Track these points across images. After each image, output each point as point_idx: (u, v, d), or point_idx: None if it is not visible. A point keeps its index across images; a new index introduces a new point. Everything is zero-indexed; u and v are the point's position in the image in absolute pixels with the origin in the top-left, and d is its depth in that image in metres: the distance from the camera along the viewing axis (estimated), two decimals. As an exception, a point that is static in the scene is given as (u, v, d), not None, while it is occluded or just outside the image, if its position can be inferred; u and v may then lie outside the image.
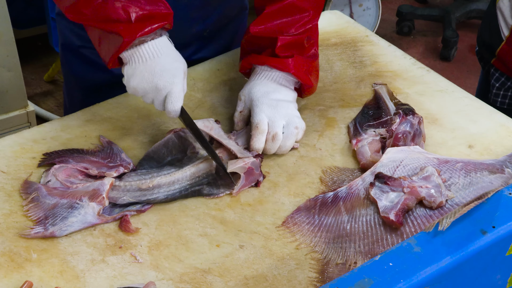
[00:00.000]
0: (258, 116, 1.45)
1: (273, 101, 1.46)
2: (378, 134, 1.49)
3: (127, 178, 1.38)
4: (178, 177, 1.38)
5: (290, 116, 1.47)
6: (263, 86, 1.49)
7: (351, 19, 1.94)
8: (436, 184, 1.30)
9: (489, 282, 1.25)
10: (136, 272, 1.23)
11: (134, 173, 1.40)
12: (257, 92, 1.48)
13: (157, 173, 1.39)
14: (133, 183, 1.37)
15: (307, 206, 1.35)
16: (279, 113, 1.46)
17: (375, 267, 1.11)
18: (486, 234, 1.17)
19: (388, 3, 4.15)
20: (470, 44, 3.90)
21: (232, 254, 1.27)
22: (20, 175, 1.42)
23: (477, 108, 1.61)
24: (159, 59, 1.35)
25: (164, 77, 1.34)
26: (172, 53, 1.38)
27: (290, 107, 1.49)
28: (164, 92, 1.35)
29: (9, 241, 1.28)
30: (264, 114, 1.45)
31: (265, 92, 1.47)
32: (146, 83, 1.35)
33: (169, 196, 1.36)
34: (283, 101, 1.48)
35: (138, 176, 1.39)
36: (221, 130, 1.46)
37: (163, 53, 1.36)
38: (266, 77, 1.50)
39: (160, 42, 1.36)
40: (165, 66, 1.35)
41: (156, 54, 1.35)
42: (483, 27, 2.18)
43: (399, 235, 1.26)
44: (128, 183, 1.37)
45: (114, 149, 1.45)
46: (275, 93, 1.48)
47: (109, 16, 1.32)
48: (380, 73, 1.72)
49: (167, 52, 1.37)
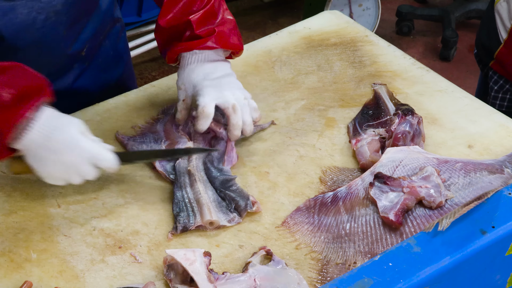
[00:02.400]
0: (204, 99, 1.43)
1: (215, 81, 1.46)
2: (378, 134, 1.49)
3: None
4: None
5: (235, 89, 1.46)
6: (199, 69, 1.47)
7: (350, 19, 1.94)
8: (435, 184, 1.30)
9: (488, 282, 1.25)
10: (135, 272, 1.23)
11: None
12: (196, 77, 1.46)
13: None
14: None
15: (307, 206, 1.35)
16: (225, 90, 1.45)
17: (374, 267, 1.11)
18: (485, 234, 1.17)
19: (388, 3, 4.15)
20: (469, 44, 3.91)
21: (231, 254, 1.27)
22: (20, 175, 1.42)
23: (477, 108, 1.61)
24: (53, 135, 1.26)
25: (71, 150, 1.27)
26: (60, 121, 1.28)
27: (232, 80, 1.48)
28: (83, 161, 1.28)
29: (9, 241, 1.28)
30: (210, 97, 1.43)
31: (204, 75, 1.46)
32: (59, 165, 1.28)
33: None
34: (223, 76, 1.47)
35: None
36: (205, 266, 1.19)
37: (54, 126, 1.26)
38: (198, 60, 1.48)
39: (44, 118, 1.26)
40: (64, 138, 1.26)
41: (49, 132, 1.26)
42: (481, 29, 2.18)
43: (399, 235, 1.26)
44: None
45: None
46: (214, 73, 1.47)
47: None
48: (380, 73, 1.72)
49: (56, 124, 1.27)
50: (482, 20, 2.19)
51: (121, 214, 1.35)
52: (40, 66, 1.34)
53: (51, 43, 1.36)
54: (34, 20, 1.38)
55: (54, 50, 1.45)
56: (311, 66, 1.75)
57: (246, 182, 1.41)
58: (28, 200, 1.37)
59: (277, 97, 1.64)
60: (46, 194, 1.39)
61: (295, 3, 4.14)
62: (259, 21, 4.01)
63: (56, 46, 1.50)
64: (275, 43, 1.82)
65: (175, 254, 1.17)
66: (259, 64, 1.76)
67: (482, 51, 2.15)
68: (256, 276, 1.17)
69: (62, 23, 1.47)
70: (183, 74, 1.48)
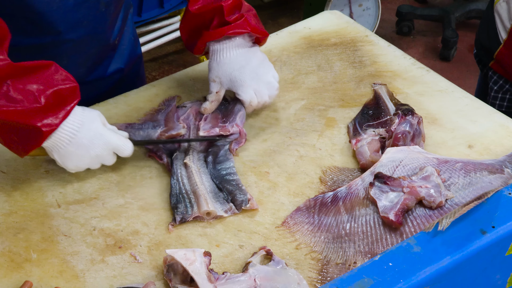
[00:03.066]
0: (247, 94, 1.48)
1: (253, 73, 1.48)
2: (378, 134, 1.49)
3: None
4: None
5: (270, 78, 1.50)
6: (234, 60, 1.48)
7: (350, 19, 1.94)
8: (435, 184, 1.30)
9: (488, 282, 1.25)
10: (136, 272, 1.23)
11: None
12: (232, 70, 1.48)
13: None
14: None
15: (307, 206, 1.35)
16: (263, 82, 1.48)
17: (374, 267, 1.11)
18: (485, 234, 1.17)
19: (388, 3, 4.15)
20: (469, 44, 3.91)
21: (231, 254, 1.27)
22: (20, 175, 1.42)
23: (477, 108, 1.61)
24: (80, 132, 1.32)
25: (97, 144, 1.34)
26: (85, 117, 1.34)
27: (265, 66, 1.50)
28: (107, 152, 1.36)
29: (9, 241, 1.28)
30: (251, 89, 1.47)
31: (239, 67, 1.48)
32: (86, 158, 1.34)
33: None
34: (259, 65, 1.49)
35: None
36: (205, 266, 1.18)
37: (80, 123, 1.32)
38: (229, 49, 1.49)
39: (72, 117, 1.31)
40: (90, 134, 1.33)
41: (76, 130, 1.31)
42: (481, 30, 2.18)
43: (399, 235, 1.26)
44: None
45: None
46: (248, 63, 1.48)
47: (15, 104, 1.24)
48: (380, 73, 1.72)
49: (81, 120, 1.33)
50: (482, 20, 2.19)
51: (121, 214, 1.35)
52: (88, 56, 1.45)
53: (100, 34, 1.42)
54: (87, 13, 1.43)
55: (101, 41, 1.50)
56: (311, 66, 1.75)
57: (246, 182, 1.41)
58: (28, 200, 1.37)
59: (277, 97, 1.63)
60: (46, 194, 1.39)
61: (295, 3, 4.14)
62: (259, 21, 4.01)
63: (103, 37, 1.56)
64: (275, 43, 1.82)
65: (175, 254, 1.17)
66: (259, 64, 1.76)
67: (481, 51, 2.15)
68: (256, 276, 1.17)
69: (110, 13, 1.54)
70: (217, 66, 1.50)
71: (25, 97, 1.25)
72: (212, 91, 1.51)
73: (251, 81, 1.48)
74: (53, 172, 1.43)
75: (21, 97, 1.25)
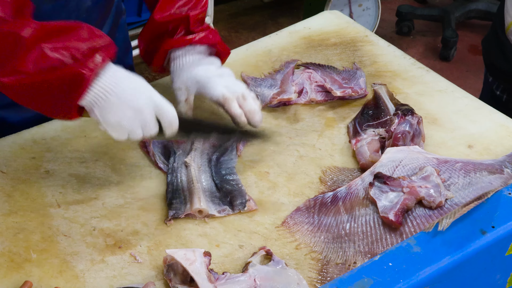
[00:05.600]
0: (217, 90, 1.44)
1: (216, 73, 1.47)
2: (378, 134, 1.49)
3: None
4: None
5: (236, 80, 1.48)
6: (198, 66, 1.47)
7: (350, 19, 1.94)
8: (435, 184, 1.30)
9: (488, 282, 1.25)
10: (135, 272, 1.23)
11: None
12: (198, 73, 1.46)
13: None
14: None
15: (307, 206, 1.35)
16: (228, 78, 1.47)
17: (374, 267, 1.11)
18: (485, 234, 1.17)
19: (388, 3, 4.15)
20: (469, 44, 3.90)
21: (231, 254, 1.27)
22: (19, 175, 1.42)
23: (477, 108, 1.61)
24: (123, 82, 1.26)
25: (140, 96, 1.27)
26: (127, 72, 1.29)
27: (231, 73, 1.49)
28: (149, 108, 1.27)
29: (9, 241, 1.28)
30: (221, 85, 1.45)
31: (204, 70, 1.47)
32: (128, 110, 1.26)
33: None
34: (223, 69, 1.49)
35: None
36: (205, 266, 1.18)
37: (122, 76, 1.27)
38: (193, 58, 1.48)
39: (113, 69, 1.27)
40: (133, 84, 1.28)
41: (118, 80, 1.26)
42: (492, 54, 2.07)
43: (399, 235, 1.26)
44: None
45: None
46: (211, 65, 1.48)
47: (53, 63, 1.21)
48: (380, 73, 1.72)
49: (123, 74, 1.28)
50: (489, 44, 2.11)
51: (121, 214, 1.35)
52: None
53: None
54: (67, 19, 1.38)
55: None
56: (311, 66, 1.75)
57: (246, 182, 1.41)
58: (28, 200, 1.37)
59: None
60: (46, 194, 1.39)
61: (295, 3, 4.14)
62: (259, 21, 4.01)
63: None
64: (275, 43, 1.82)
65: (175, 254, 1.18)
66: (259, 64, 1.76)
67: (499, 78, 2.07)
68: (256, 276, 1.17)
69: (92, 20, 1.50)
70: (180, 71, 1.48)
71: (62, 55, 1.21)
72: (181, 100, 1.48)
73: (218, 78, 1.46)
74: (53, 172, 1.43)
75: (58, 55, 1.21)
